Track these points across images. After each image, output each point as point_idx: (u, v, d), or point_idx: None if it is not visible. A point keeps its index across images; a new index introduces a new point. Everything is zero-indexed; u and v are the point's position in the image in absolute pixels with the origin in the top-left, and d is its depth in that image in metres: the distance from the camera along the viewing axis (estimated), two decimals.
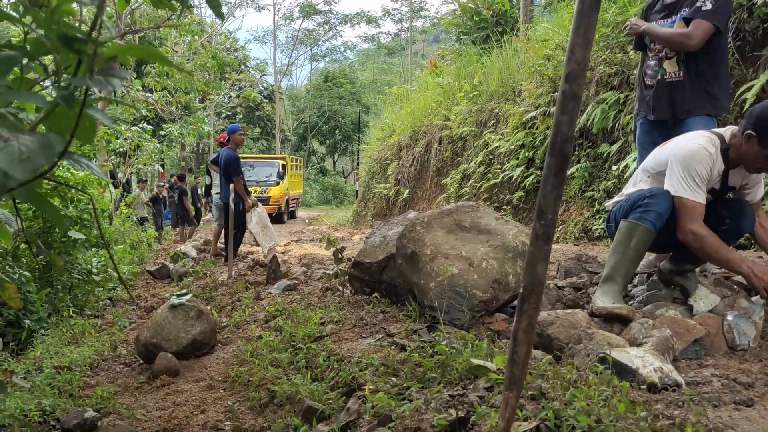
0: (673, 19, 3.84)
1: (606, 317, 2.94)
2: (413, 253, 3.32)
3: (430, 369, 2.41)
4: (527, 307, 1.43)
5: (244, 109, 39.23)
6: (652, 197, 3.07)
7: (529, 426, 1.75)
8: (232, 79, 28.35)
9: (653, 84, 3.93)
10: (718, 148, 3.05)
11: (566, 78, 1.40)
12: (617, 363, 2.28)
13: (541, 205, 1.42)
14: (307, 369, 2.96)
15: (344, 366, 2.73)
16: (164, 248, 13.63)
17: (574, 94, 1.40)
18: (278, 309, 4.26)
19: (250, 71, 39.99)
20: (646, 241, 3.08)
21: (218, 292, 5.94)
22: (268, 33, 52.04)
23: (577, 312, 2.96)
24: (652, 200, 3.04)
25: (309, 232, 18.83)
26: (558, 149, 1.41)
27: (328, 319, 3.55)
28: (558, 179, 1.41)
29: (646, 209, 3.04)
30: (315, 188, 43.24)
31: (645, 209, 3.04)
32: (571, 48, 1.40)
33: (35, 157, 0.60)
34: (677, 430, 1.64)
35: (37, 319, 5.17)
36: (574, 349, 2.59)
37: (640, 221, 3.04)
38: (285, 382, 2.77)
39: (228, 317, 4.80)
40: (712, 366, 2.53)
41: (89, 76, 0.62)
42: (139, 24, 14.34)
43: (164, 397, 3.19)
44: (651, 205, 3.04)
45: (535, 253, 1.43)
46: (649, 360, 2.31)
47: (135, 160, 17.45)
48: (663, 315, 2.89)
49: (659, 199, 3.05)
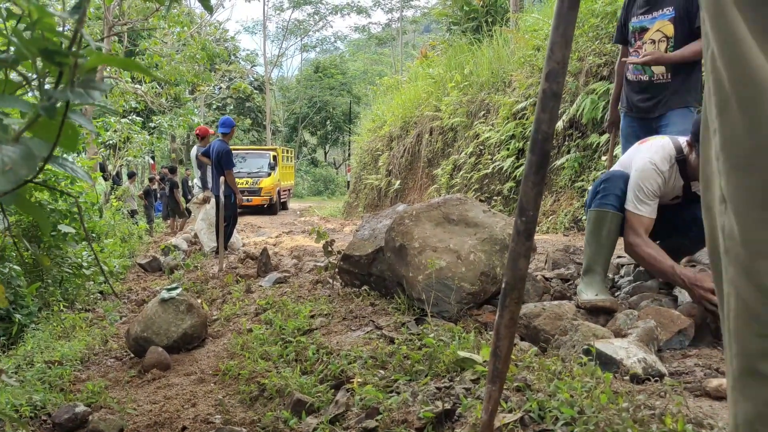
0: (654, 15, 3.85)
1: (591, 309, 2.98)
2: (402, 246, 3.34)
3: (417, 362, 2.44)
4: (509, 302, 1.46)
5: (234, 101, 39.07)
6: (606, 181, 3.20)
7: (513, 417, 1.79)
8: (222, 70, 28.20)
9: (637, 80, 3.94)
10: (673, 161, 3.10)
11: (546, 77, 1.42)
12: (602, 354, 2.32)
13: (523, 201, 1.45)
14: (296, 362, 2.98)
15: (333, 359, 2.76)
16: (155, 241, 13.61)
17: (554, 92, 1.42)
18: (268, 302, 4.28)
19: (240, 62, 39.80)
20: (614, 225, 3.15)
21: (209, 285, 5.95)
22: (257, 23, 51.85)
23: (563, 303, 2.99)
24: (608, 184, 3.17)
25: (300, 223, 18.84)
26: (539, 147, 1.43)
27: (317, 312, 3.58)
28: (539, 176, 1.44)
29: (604, 194, 3.16)
30: (306, 179, 43.18)
31: (603, 194, 3.16)
32: (550, 47, 1.42)
33: (17, 168, 0.62)
34: (658, 420, 1.68)
35: (27, 313, 5.16)
36: (559, 341, 2.63)
37: (602, 207, 3.14)
38: (275, 376, 2.80)
39: (219, 310, 4.82)
40: (695, 356, 2.58)
41: (70, 88, 0.63)
42: (127, 16, 14.24)
43: (155, 391, 3.21)
44: (608, 189, 3.16)
45: (517, 249, 1.45)
46: (633, 351, 2.35)
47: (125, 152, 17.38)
48: (648, 306, 2.93)
49: (614, 182, 3.17)
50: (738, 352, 0.84)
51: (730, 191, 0.85)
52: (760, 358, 0.80)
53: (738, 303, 0.83)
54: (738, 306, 0.83)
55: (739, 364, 0.83)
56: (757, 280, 0.79)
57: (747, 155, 0.82)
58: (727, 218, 0.86)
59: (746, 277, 0.81)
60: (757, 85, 0.80)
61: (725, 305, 0.88)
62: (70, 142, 0.75)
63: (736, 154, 0.84)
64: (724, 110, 0.86)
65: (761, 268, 0.79)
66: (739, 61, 0.83)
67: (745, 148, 0.82)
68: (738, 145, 0.83)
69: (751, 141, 0.81)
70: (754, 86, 0.80)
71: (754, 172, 0.81)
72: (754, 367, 0.80)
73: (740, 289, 0.83)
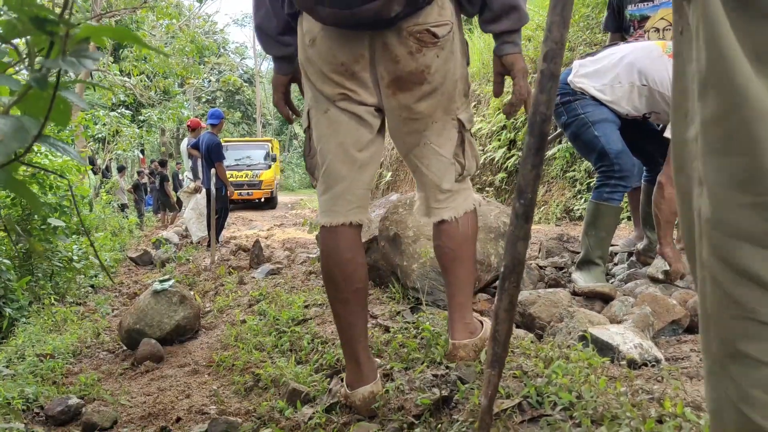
0: (656, 3, 3.81)
1: (588, 295, 2.98)
2: (396, 236, 3.33)
3: (413, 350, 2.43)
4: (508, 286, 1.44)
5: (224, 94, 38.88)
6: (621, 175, 3.02)
7: (512, 403, 1.78)
8: (212, 63, 28.05)
9: None
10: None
11: (544, 57, 1.40)
12: (598, 340, 2.32)
13: (521, 184, 1.43)
14: (291, 352, 2.97)
15: (328, 348, 2.75)
16: (146, 235, 13.55)
17: (552, 73, 1.40)
18: (261, 293, 4.26)
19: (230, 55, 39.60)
20: (615, 217, 3.12)
21: (201, 277, 5.93)
22: (247, 16, 51.48)
23: (558, 291, 2.99)
24: (621, 181, 3.02)
25: (292, 216, 18.80)
26: (537, 129, 1.42)
27: (311, 302, 3.56)
28: (537, 158, 1.42)
29: (613, 190, 3.04)
30: (297, 172, 43.07)
31: (612, 189, 3.04)
32: (548, 27, 1.40)
33: (8, 140, 0.60)
34: (656, 403, 1.68)
35: (18, 307, 5.12)
36: (555, 328, 2.63)
37: (609, 202, 3.06)
38: (269, 366, 2.78)
39: (211, 302, 4.80)
40: (690, 342, 2.58)
41: (62, 57, 0.61)
42: (115, 7, 14.12)
43: (148, 383, 3.18)
44: (619, 185, 3.02)
45: (515, 232, 1.43)
46: (629, 337, 2.35)
47: (114, 146, 17.28)
48: (644, 293, 2.93)
49: (627, 175, 3.04)
50: (717, 336, 0.83)
51: (708, 173, 0.84)
52: (740, 339, 0.79)
53: (714, 287, 0.83)
54: (714, 290, 0.83)
55: (719, 348, 0.83)
56: (732, 262, 0.79)
57: (725, 137, 0.81)
58: (703, 201, 0.85)
59: (722, 260, 0.81)
60: (730, 67, 0.79)
61: (701, 290, 0.87)
62: (62, 117, 0.73)
63: (715, 137, 0.83)
64: (703, 93, 0.85)
65: (736, 249, 0.78)
66: (715, 42, 0.82)
67: (723, 130, 0.81)
68: (717, 128, 0.83)
69: (729, 123, 0.80)
70: (730, 67, 0.79)
71: (732, 155, 0.80)
72: (735, 349, 0.80)
73: (716, 273, 0.82)
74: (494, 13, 1.85)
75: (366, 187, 2.04)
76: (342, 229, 2.00)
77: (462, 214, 2.09)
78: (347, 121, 1.93)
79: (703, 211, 0.85)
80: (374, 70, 1.87)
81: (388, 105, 1.92)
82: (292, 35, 2.02)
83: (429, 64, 1.83)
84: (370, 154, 2.00)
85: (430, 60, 1.83)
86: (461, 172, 2.06)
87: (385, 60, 1.83)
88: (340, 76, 1.87)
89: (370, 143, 1.99)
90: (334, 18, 1.68)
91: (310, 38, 1.87)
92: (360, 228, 2.06)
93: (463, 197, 2.11)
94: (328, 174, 1.98)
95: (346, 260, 1.99)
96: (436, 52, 1.83)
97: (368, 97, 1.91)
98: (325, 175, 1.99)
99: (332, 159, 1.96)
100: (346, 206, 1.99)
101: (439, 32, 1.81)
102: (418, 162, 2.05)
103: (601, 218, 3.08)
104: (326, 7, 1.65)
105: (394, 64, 1.82)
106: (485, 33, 2.00)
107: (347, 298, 2.02)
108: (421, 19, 1.77)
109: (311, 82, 1.95)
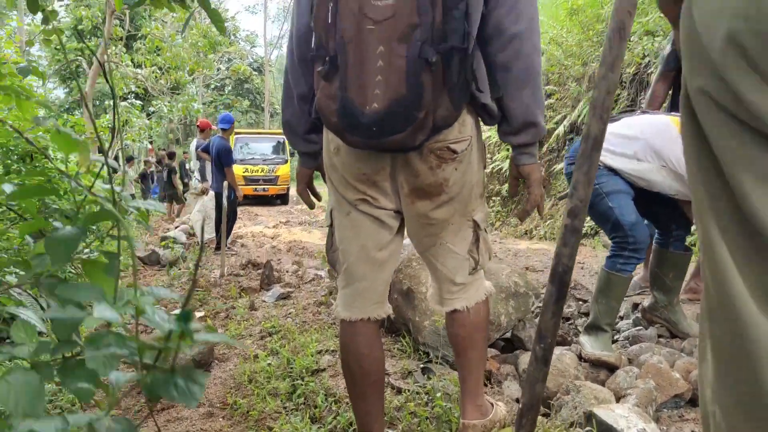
0: None
1: (594, 363, 3.07)
2: (409, 290, 3.42)
3: (424, 420, 2.53)
4: (525, 423, 1.54)
5: (233, 82, 38.88)
6: (635, 248, 3.10)
7: None
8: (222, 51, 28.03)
9: None
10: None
11: (569, 213, 1.49)
12: (602, 423, 2.41)
13: (542, 329, 1.52)
14: (305, 405, 3.07)
15: (342, 408, 2.85)
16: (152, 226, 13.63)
17: (575, 228, 1.49)
18: (273, 325, 4.36)
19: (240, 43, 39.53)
20: (626, 287, 3.21)
21: (211, 294, 6.02)
22: (258, 3, 51.35)
23: (565, 355, 3.08)
24: (635, 253, 3.10)
25: (297, 212, 18.89)
26: (558, 278, 1.50)
27: (324, 348, 3.66)
28: (558, 306, 1.51)
29: (627, 261, 3.12)
30: None
31: (626, 261, 3.12)
32: (573, 185, 1.49)
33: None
34: None
35: None
36: (562, 401, 2.72)
37: (621, 273, 3.15)
38: (284, 421, 2.88)
39: (223, 328, 4.89)
40: (692, 421, 2.67)
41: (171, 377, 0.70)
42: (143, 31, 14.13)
43: (165, 425, 3.28)
44: (633, 257, 3.10)
45: (534, 374, 1.53)
46: (633, 420, 2.44)
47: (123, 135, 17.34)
48: (647, 363, 3.02)
49: (641, 247, 3.12)
50: None
51: (719, 392, 0.92)
52: None
53: None
54: None
55: None
56: None
57: (732, 360, 0.89)
58: (716, 409, 0.93)
59: None
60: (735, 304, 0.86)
61: None
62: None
63: (725, 359, 0.91)
64: (713, 317, 0.93)
65: None
66: (721, 282, 0.90)
67: (731, 353, 0.89)
68: (725, 350, 0.91)
69: (734, 350, 0.88)
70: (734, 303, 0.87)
71: (737, 383, 0.88)
72: None
73: None
74: (513, 128, 1.92)
75: (386, 284, 2.13)
76: (361, 324, 2.10)
77: (473, 304, 2.18)
78: (369, 225, 2.02)
79: (718, 418, 0.94)
80: (395, 180, 1.95)
81: (407, 211, 2.01)
82: (318, 134, 2.11)
83: (448, 177, 1.91)
84: (390, 252, 2.09)
85: (449, 174, 1.91)
86: (475, 266, 2.14)
87: (405, 173, 1.91)
88: (362, 184, 1.96)
89: (390, 242, 2.08)
90: (361, 144, 1.75)
91: (334, 146, 1.95)
92: (379, 322, 2.15)
93: (475, 288, 2.20)
94: (350, 273, 2.07)
95: (363, 355, 2.09)
96: (454, 166, 1.90)
97: (388, 203, 2.00)
98: (346, 273, 2.08)
99: (354, 260, 2.05)
100: (366, 303, 2.09)
101: (458, 148, 1.88)
102: (433, 259, 2.13)
103: (612, 288, 3.16)
104: (354, 136, 1.72)
105: (414, 178, 1.90)
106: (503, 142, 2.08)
107: (364, 391, 2.12)
108: (441, 137, 1.83)
109: (334, 186, 2.04)
